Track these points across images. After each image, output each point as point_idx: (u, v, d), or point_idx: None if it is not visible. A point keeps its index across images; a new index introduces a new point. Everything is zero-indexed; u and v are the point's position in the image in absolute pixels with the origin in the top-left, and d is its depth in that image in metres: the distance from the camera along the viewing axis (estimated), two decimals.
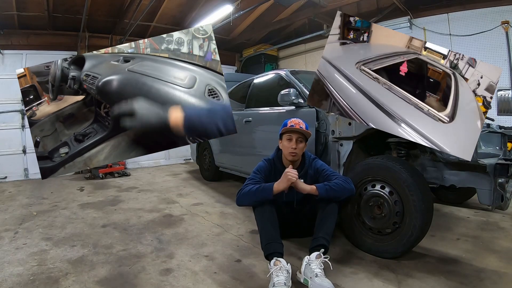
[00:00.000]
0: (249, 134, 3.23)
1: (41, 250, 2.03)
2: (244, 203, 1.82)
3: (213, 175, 4.23)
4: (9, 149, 4.81)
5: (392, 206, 1.76)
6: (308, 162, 1.98)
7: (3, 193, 3.89)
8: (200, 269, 1.73)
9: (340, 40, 1.88)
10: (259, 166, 1.98)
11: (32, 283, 1.60)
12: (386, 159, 1.84)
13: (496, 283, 1.51)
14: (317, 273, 1.46)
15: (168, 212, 2.88)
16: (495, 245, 1.97)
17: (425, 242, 1.90)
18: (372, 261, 1.78)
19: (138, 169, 5.62)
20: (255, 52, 6.83)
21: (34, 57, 4.94)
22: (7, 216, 2.85)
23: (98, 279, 1.64)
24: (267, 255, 1.60)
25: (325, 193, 1.72)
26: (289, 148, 1.89)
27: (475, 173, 1.75)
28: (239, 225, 2.48)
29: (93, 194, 3.72)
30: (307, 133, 1.91)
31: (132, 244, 2.12)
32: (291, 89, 2.46)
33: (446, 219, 2.50)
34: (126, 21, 5.00)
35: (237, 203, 1.83)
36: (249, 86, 3.55)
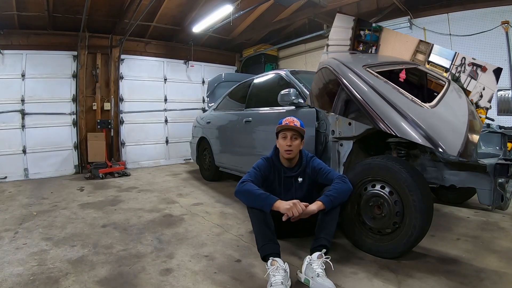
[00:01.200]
0: (249, 134, 3.23)
1: (41, 250, 2.03)
2: (241, 200, 1.83)
3: (213, 175, 4.23)
4: (9, 149, 4.80)
5: (392, 206, 1.76)
6: (306, 160, 2.00)
7: (3, 193, 3.89)
8: (200, 269, 1.73)
9: (351, 51, 2.07)
10: (259, 163, 1.99)
11: (32, 283, 1.60)
12: (386, 159, 1.85)
13: (496, 283, 1.51)
14: (319, 273, 1.47)
15: (168, 212, 2.88)
16: (495, 245, 1.97)
17: (425, 242, 1.90)
18: (372, 261, 1.78)
19: (138, 169, 5.62)
20: (255, 52, 6.83)
21: (34, 57, 4.95)
22: (7, 216, 2.84)
23: (98, 279, 1.64)
24: (263, 256, 1.61)
25: (330, 204, 1.73)
26: (284, 146, 1.92)
27: (475, 173, 1.75)
28: (239, 225, 2.48)
29: (93, 194, 3.72)
30: (301, 130, 1.94)
31: (132, 244, 2.12)
32: (291, 89, 2.46)
33: (446, 219, 2.50)
34: (126, 21, 4.99)
35: (235, 194, 1.84)
36: (249, 86, 3.55)
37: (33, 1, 4.27)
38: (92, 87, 5.47)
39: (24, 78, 4.88)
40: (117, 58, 5.64)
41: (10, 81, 4.81)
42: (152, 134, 6.11)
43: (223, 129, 3.86)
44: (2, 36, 4.68)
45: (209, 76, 6.01)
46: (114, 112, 5.60)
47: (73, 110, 5.29)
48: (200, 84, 6.75)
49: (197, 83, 6.73)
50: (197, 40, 6.28)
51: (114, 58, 5.61)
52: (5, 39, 4.73)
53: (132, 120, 5.87)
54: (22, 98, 4.87)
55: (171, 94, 6.31)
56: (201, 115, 4.66)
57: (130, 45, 5.79)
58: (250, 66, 7.03)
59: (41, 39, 4.99)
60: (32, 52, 4.93)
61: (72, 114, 5.29)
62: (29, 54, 4.91)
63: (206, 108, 5.80)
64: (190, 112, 6.44)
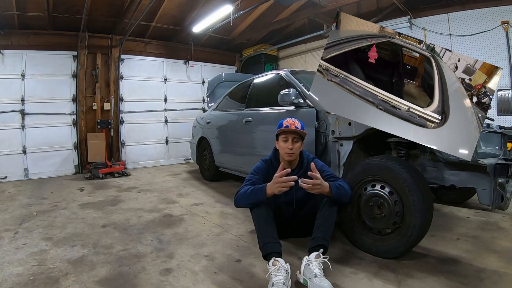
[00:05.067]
0: (249, 134, 3.23)
1: (41, 250, 2.03)
2: (241, 205, 1.84)
3: (213, 175, 4.22)
4: (9, 149, 4.80)
5: (392, 206, 1.76)
6: (307, 161, 1.98)
7: (3, 193, 3.89)
8: (200, 269, 1.73)
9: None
10: (257, 167, 1.99)
11: (32, 283, 1.60)
12: (386, 159, 1.84)
13: (496, 283, 1.51)
14: (316, 274, 1.46)
15: (168, 212, 2.88)
16: (495, 245, 1.97)
17: (425, 242, 1.90)
18: (372, 261, 1.78)
19: (138, 169, 5.62)
20: (255, 52, 6.83)
21: (34, 57, 4.95)
22: (7, 216, 2.84)
23: (98, 279, 1.64)
24: (265, 255, 1.60)
25: (337, 194, 1.72)
26: (285, 148, 1.90)
27: (475, 173, 1.75)
28: (239, 225, 2.48)
29: (93, 194, 3.72)
30: (303, 132, 1.92)
31: (132, 244, 2.12)
32: (291, 89, 2.46)
33: (446, 219, 2.50)
34: (126, 21, 4.99)
35: (235, 205, 1.85)
36: (249, 86, 3.55)
37: (33, 1, 4.26)
38: (92, 87, 5.47)
39: (24, 78, 4.88)
40: (117, 58, 5.64)
41: (10, 81, 4.81)
42: (152, 134, 6.11)
43: (223, 129, 3.86)
44: (2, 36, 4.68)
45: (209, 76, 6.01)
46: (114, 112, 5.59)
47: (73, 110, 5.28)
48: (200, 84, 6.75)
49: (197, 83, 6.73)
50: (197, 40, 6.27)
51: (114, 58, 5.61)
52: (5, 39, 4.72)
53: (132, 120, 5.87)
54: (22, 98, 4.87)
55: (171, 94, 6.30)
56: (201, 115, 4.66)
57: (130, 45, 5.79)
58: (250, 66, 7.03)
59: (41, 39, 4.99)
60: (32, 52, 4.92)
61: (72, 114, 5.28)
62: (29, 54, 4.91)
63: (206, 108, 5.79)
64: (190, 112, 6.44)
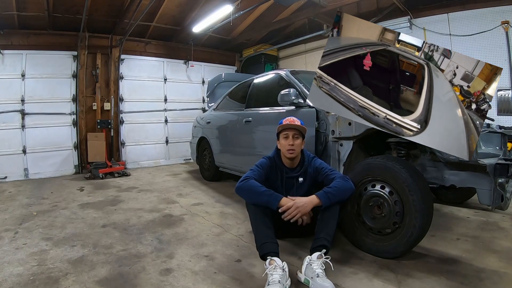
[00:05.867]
0: (249, 134, 3.23)
1: (41, 250, 2.03)
2: (243, 197, 1.81)
3: (213, 175, 4.22)
4: (9, 149, 4.80)
5: (392, 206, 1.76)
6: (308, 160, 2.00)
7: (3, 193, 3.89)
8: (200, 269, 1.73)
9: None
10: (261, 162, 2.00)
11: (32, 283, 1.60)
12: (386, 159, 1.84)
13: (496, 283, 1.51)
14: (318, 273, 1.47)
15: (168, 212, 2.88)
16: (495, 245, 1.97)
17: (425, 242, 1.90)
18: (372, 261, 1.78)
19: (138, 169, 5.62)
20: (255, 52, 6.83)
21: (34, 57, 4.95)
22: (7, 216, 2.84)
23: (98, 279, 1.64)
24: (262, 255, 1.61)
25: (328, 201, 1.72)
26: (286, 145, 1.92)
27: (475, 173, 1.75)
28: (239, 225, 2.48)
29: (93, 194, 3.72)
30: (303, 128, 1.94)
31: (132, 244, 2.12)
32: (291, 89, 2.46)
33: (446, 219, 2.50)
34: (126, 21, 4.99)
35: (236, 190, 1.83)
36: (249, 86, 3.55)
37: (33, 1, 4.27)
38: (92, 87, 5.47)
39: (24, 78, 4.88)
40: (117, 58, 5.64)
41: (10, 81, 4.81)
42: (152, 134, 6.11)
43: (223, 129, 3.86)
44: (2, 36, 4.68)
45: (209, 76, 6.01)
46: (114, 112, 5.60)
47: (73, 110, 5.29)
48: (200, 84, 6.75)
49: (197, 83, 6.73)
50: (197, 40, 6.28)
51: (114, 58, 5.61)
52: (5, 39, 4.73)
53: (132, 120, 5.87)
54: (22, 98, 4.87)
55: (171, 94, 6.30)
56: (201, 115, 4.66)
57: (130, 45, 5.79)
58: (250, 66, 7.03)
59: (41, 39, 4.99)
60: (32, 52, 4.92)
61: (72, 114, 5.29)
62: (29, 54, 4.91)
63: (206, 108, 5.80)
64: (190, 112, 6.45)
